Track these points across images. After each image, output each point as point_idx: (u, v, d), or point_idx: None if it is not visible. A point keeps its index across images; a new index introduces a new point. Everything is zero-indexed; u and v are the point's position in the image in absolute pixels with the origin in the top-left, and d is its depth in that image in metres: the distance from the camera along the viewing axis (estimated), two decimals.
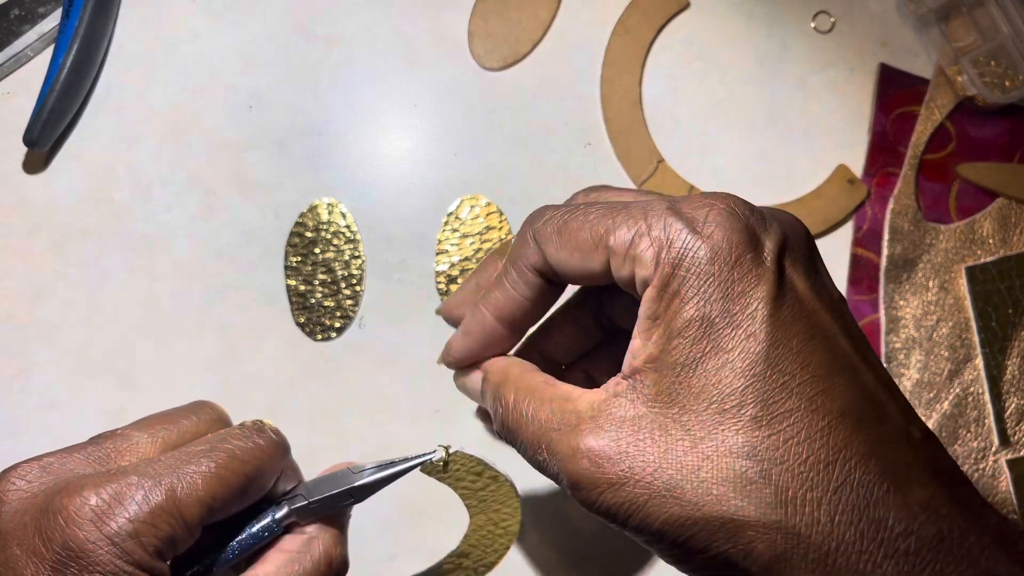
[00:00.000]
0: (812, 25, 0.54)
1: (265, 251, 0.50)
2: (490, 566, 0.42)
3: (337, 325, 0.49)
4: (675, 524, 0.24)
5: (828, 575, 0.23)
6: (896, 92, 0.53)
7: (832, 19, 0.54)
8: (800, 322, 0.25)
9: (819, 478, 0.23)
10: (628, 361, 0.27)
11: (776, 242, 0.26)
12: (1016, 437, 0.49)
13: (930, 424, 0.49)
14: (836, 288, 0.27)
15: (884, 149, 0.53)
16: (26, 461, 0.29)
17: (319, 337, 0.49)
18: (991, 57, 0.52)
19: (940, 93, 0.53)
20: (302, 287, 0.49)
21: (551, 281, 0.30)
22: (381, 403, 0.48)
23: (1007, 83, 0.52)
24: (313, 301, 0.49)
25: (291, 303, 0.49)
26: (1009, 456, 0.49)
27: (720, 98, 0.53)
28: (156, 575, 0.27)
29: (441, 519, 0.47)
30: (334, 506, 0.31)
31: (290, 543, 0.31)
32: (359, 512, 0.33)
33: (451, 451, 0.33)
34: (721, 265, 0.25)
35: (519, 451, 0.29)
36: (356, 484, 0.31)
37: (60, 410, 0.48)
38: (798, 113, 0.53)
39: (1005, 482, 0.49)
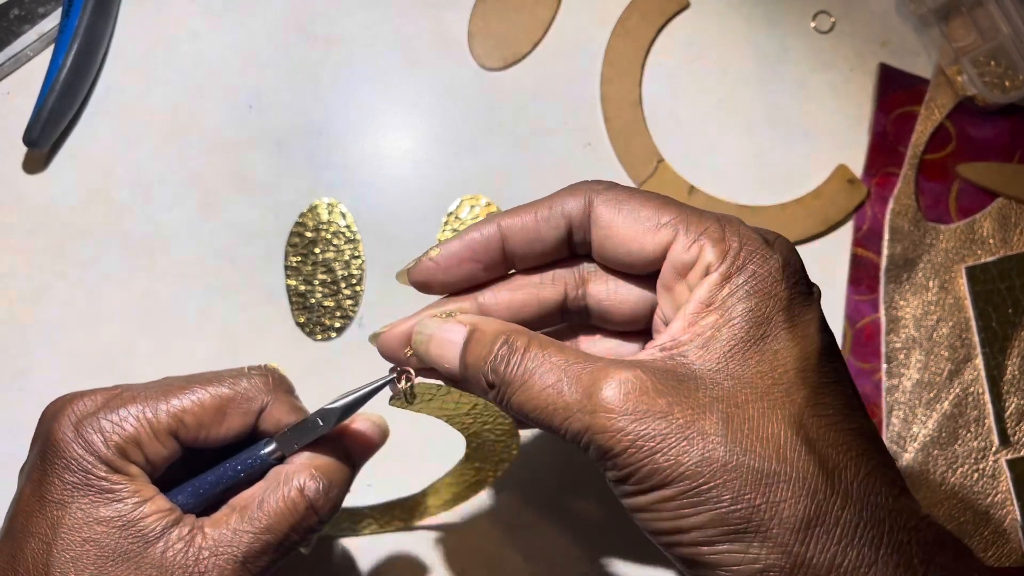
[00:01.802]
0: (812, 25, 0.54)
1: (265, 251, 0.50)
2: (497, 467, 0.41)
3: (337, 325, 0.49)
4: (708, 466, 0.24)
5: (845, 549, 0.24)
6: (896, 92, 0.53)
7: (832, 19, 0.54)
8: (831, 346, 0.28)
9: (853, 461, 0.25)
10: (664, 338, 0.27)
11: (818, 292, 0.29)
12: (1016, 437, 0.49)
13: (930, 424, 0.49)
14: None
15: (884, 149, 0.53)
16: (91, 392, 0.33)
17: (319, 337, 0.49)
18: (991, 57, 0.52)
19: (940, 93, 0.53)
20: (302, 287, 0.49)
21: (570, 244, 0.31)
22: (381, 403, 0.48)
23: (1007, 83, 0.52)
24: (313, 301, 0.49)
25: (291, 303, 0.49)
26: (1009, 456, 0.49)
27: (720, 98, 0.53)
28: (119, 470, 0.30)
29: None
30: (308, 432, 0.32)
31: (272, 473, 0.32)
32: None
33: (411, 381, 0.32)
34: (786, 279, 0.27)
35: (516, 395, 0.28)
36: (321, 408, 0.32)
37: None
38: (798, 113, 0.53)
39: (1005, 482, 0.49)
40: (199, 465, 0.33)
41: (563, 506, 0.48)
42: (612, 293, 0.32)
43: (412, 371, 0.31)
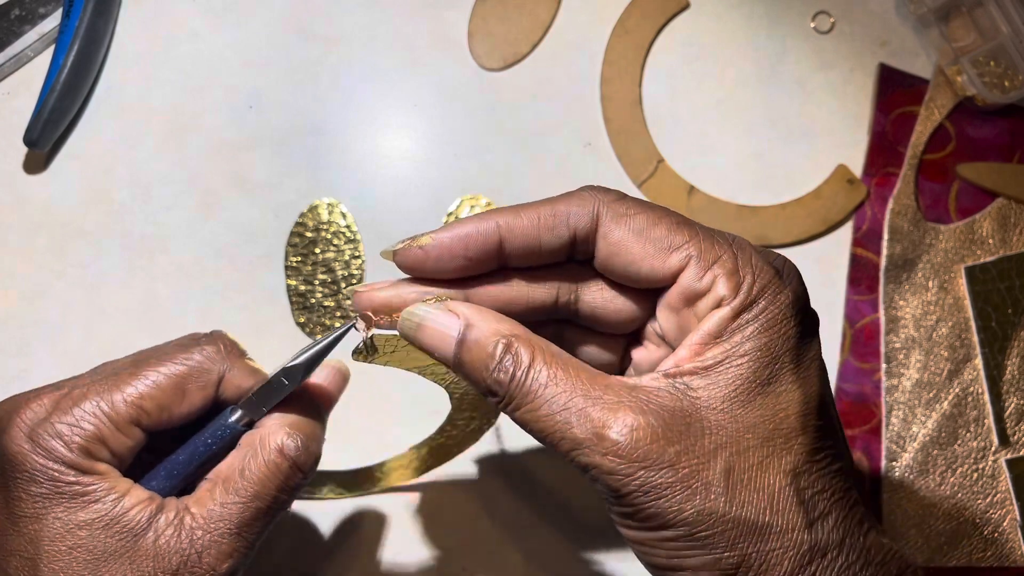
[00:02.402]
0: (812, 25, 0.54)
1: (265, 251, 0.50)
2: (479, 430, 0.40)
3: (337, 325, 0.49)
4: (708, 516, 0.25)
5: None
6: (896, 92, 0.53)
7: (832, 19, 0.54)
8: (826, 388, 0.29)
9: (836, 506, 0.27)
10: (670, 365, 0.27)
11: (818, 319, 0.29)
12: (1016, 437, 0.49)
13: (930, 424, 0.49)
14: None
15: (884, 149, 0.53)
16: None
17: (319, 337, 0.49)
18: (991, 57, 0.52)
19: (940, 93, 0.53)
20: (302, 287, 0.49)
21: (571, 251, 0.29)
22: (380, 403, 0.48)
23: (1007, 83, 0.52)
24: (313, 301, 0.49)
25: (291, 303, 0.49)
26: (1009, 456, 0.49)
27: (720, 98, 0.53)
28: (88, 471, 0.29)
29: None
30: (275, 393, 0.32)
31: (245, 440, 0.32)
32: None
33: (370, 333, 0.30)
34: (796, 315, 0.27)
35: (523, 412, 0.27)
36: (285, 366, 0.31)
37: None
38: (798, 113, 0.53)
39: (1005, 482, 0.49)
40: (164, 444, 0.32)
41: (563, 504, 0.48)
42: (608, 302, 0.31)
43: (372, 317, 0.29)
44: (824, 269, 0.52)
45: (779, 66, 0.54)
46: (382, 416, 0.48)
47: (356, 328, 0.30)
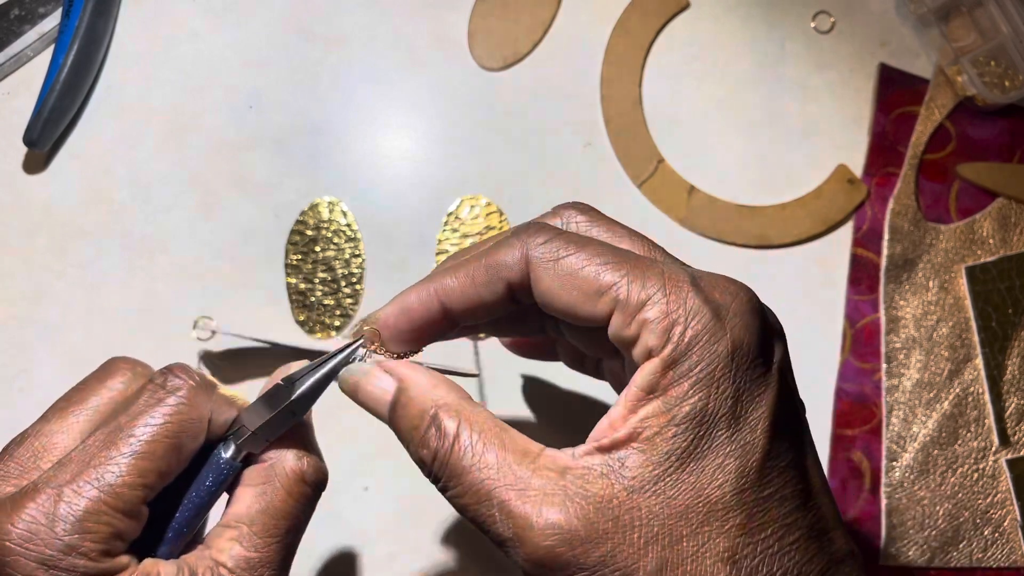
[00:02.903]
0: (812, 25, 0.54)
1: (265, 250, 0.50)
2: None
3: (337, 324, 0.49)
4: None
5: None
6: (896, 92, 0.53)
7: (832, 19, 0.54)
8: (789, 438, 0.26)
9: None
10: (606, 432, 0.26)
11: (783, 350, 0.26)
12: (1016, 437, 0.49)
13: (930, 424, 0.49)
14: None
15: (884, 149, 0.53)
16: None
17: (319, 335, 0.49)
18: (991, 57, 0.52)
19: (940, 93, 0.53)
20: (302, 285, 0.49)
21: (515, 300, 0.29)
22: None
23: (1007, 83, 0.52)
24: (313, 299, 0.49)
25: (291, 301, 0.49)
26: (1009, 456, 0.49)
27: (720, 98, 0.53)
28: (114, 570, 0.26)
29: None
30: (281, 425, 0.30)
31: (254, 476, 0.29)
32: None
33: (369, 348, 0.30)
34: (738, 364, 0.25)
35: (450, 493, 0.26)
36: (292, 399, 0.29)
37: None
38: (798, 113, 0.53)
39: (1005, 482, 0.49)
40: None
41: None
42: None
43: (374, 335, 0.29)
44: (824, 269, 0.52)
45: (779, 66, 0.54)
46: None
47: (362, 347, 0.29)
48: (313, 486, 0.30)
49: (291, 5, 0.53)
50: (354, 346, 0.30)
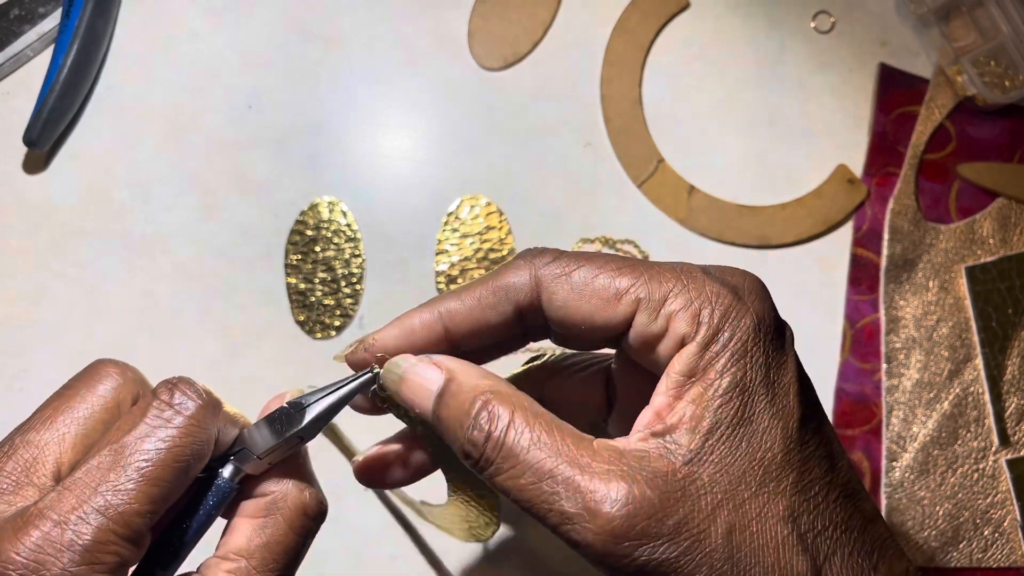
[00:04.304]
0: (812, 25, 0.54)
1: (265, 250, 0.50)
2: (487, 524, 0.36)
3: (337, 324, 0.49)
4: None
5: None
6: (896, 92, 0.53)
7: (832, 19, 0.54)
8: (812, 403, 0.27)
9: (840, 543, 0.25)
10: (652, 419, 0.26)
11: (789, 327, 0.28)
12: (1016, 437, 0.49)
13: (930, 424, 0.49)
14: None
15: (884, 149, 0.53)
16: None
17: (319, 335, 0.49)
18: (991, 57, 0.52)
19: (940, 93, 0.53)
20: (302, 285, 0.49)
21: (521, 323, 0.29)
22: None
23: (1007, 83, 0.52)
24: (313, 299, 0.49)
25: (291, 301, 0.49)
26: (1009, 456, 0.49)
27: (720, 98, 0.53)
28: None
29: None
30: (285, 450, 0.29)
31: (253, 509, 0.28)
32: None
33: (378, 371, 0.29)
34: (764, 335, 0.26)
35: (505, 475, 0.26)
36: (303, 425, 0.28)
37: None
38: (798, 113, 0.53)
39: (1005, 482, 0.49)
40: None
41: None
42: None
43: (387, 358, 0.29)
44: (824, 269, 0.52)
45: (779, 66, 0.54)
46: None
47: (373, 369, 0.29)
48: (314, 519, 0.29)
49: (291, 5, 0.53)
50: (368, 376, 0.29)
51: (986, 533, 0.48)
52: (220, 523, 0.29)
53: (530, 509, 0.25)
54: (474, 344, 0.29)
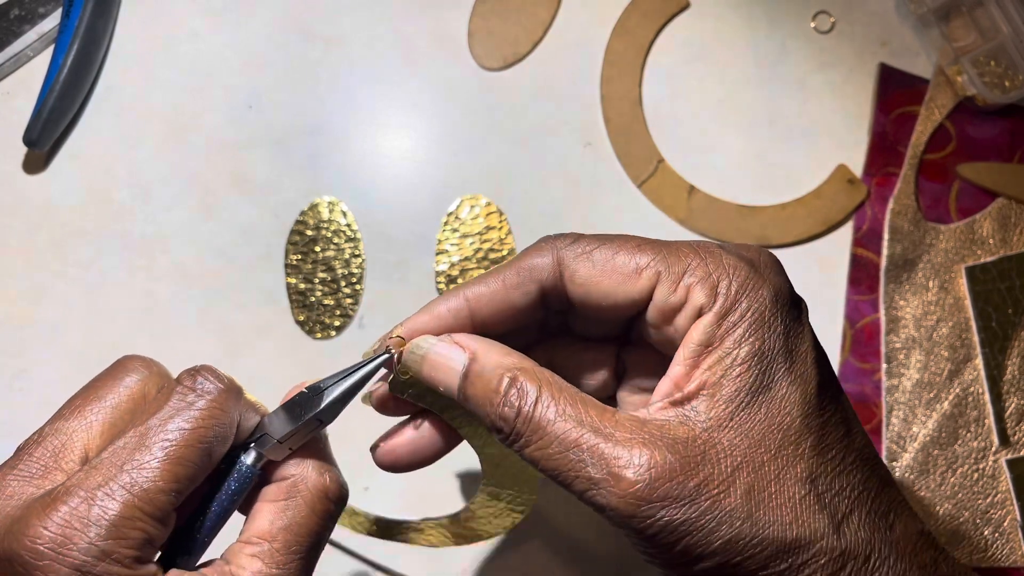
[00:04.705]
0: (812, 25, 0.54)
1: (265, 251, 0.50)
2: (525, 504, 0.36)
3: (337, 324, 0.49)
4: (736, 544, 0.25)
5: None
6: (896, 92, 0.53)
7: (832, 19, 0.54)
8: (828, 371, 0.28)
9: (857, 503, 0.26)
10: (671, 388, 0.27)
11: (805, 302, 0.29)
12: (1016, 437, 0.49)
13: (930, 424, 0.49)
14: None
15: (884, 149, 0.53)
16: None
17: (319, 335, 0.49)
18: (991, 57, 0.52)
19: (940, 93, 0.53)
20: (302, 285, 0.49)
21: (544, 305, 0.30)
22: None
23: (1007, 83, 0.52)
24: (313, 299, 0.49)
25: (291, 301, 0.49)
26: (1009, 456, 0.49)
27: (720, 98, 0.53)
28: None
29: None
30: (304, 434, 0.29)
31: (275, 492, 0.29)
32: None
33: (397, 352, 0.30)
34: (781, 305, 0.27)
35: (532, 449, 0.27)
36: (321, 408, 0.29)
37: None
38: (798, 113, 0.53)
39: (1005, 482, 0.49)
40: None
41: (568, 502, 0.48)
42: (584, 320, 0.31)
43: (404, 339, 0.29)
44: (824, 269, 0.52)
45: (779, 66, 0.54)
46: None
47: (389, 351, 0.29)
48: (336, 502, 0.29)
49: (291, 5, 0.53)
50: (384, 357, 0.30)
51: (986, 533, 0.48)
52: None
53: (557, 477, 0.26)
54: (499, 328, 0.30)
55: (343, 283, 0.50)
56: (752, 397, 0.26)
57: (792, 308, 0.27)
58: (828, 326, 0.51)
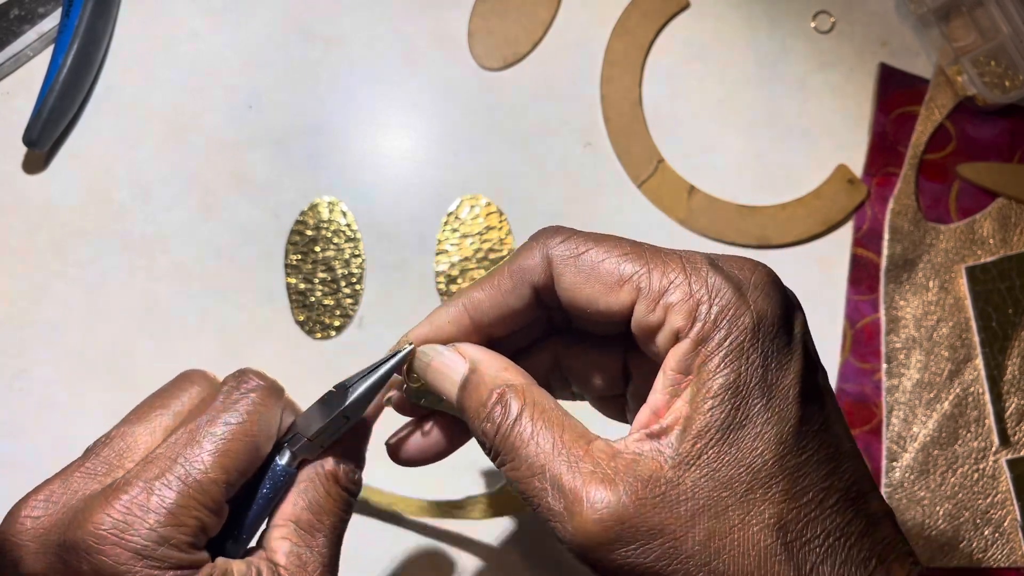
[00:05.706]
0: (812, 25, 0.54)
1: (265, 250, 0.50)
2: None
3: (336, 324, 0.49)
4: None
5: None
6: (896, 92, 0.53)
7: (832, 19, 0.54)
8: (817, 403, 0.26)
9: (828, 552, 0.25)
10: (648, 418, 0.26)
11: (803, 320, 0.27)
12: (1016, 437, 0.49)
13: (930, 424, 0.49)
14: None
15: (884, 149, 0.53)
16: (30, 495, 0.28)
17: (318, 335, 0.49)
18: (991, 57, 0.52)
19: (940, 93, 0.53)
20: (302, 285, 0.49)
21: (542, 304, 0.29)
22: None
23: (1007, 83, 0.52)
24: (313, 299, 0.49)
25: (291, 301, 0.49)
26: (1009, 456, 0.49)
27: (720, 98, 0.53)
28: (197, 565, 0.27)
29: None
30: (334, 432, 0.31)
31: (298, 479, 0.31)
32: None
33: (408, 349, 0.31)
34: (764, 334, 0.25)
35: (506, 469, 0.27)
36: (346, 405, 0.30)
37: (60, 410, 0.48)
38: (798, 113, 0.53)
39: (1005, 482, 0.49)
40: None
41: None
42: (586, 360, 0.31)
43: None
44: (824, 269, 0.52)
45: (779, 66, 0.54)
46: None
47: (410, 343, 0.30)
48: (345, 487, 0.31)
49: (291, 5, 0.53)
50: (405, 352, 0.30)
51: (986, 533, 0.48)
52: None
53: (524, 500, 0.26)
54: (503, 331, 0.30)
55: (343, 283, 0.50)
56: (723, 434, 0.25)
57: (779, 336, 0.26)
58: (828, 326, 0.51)
